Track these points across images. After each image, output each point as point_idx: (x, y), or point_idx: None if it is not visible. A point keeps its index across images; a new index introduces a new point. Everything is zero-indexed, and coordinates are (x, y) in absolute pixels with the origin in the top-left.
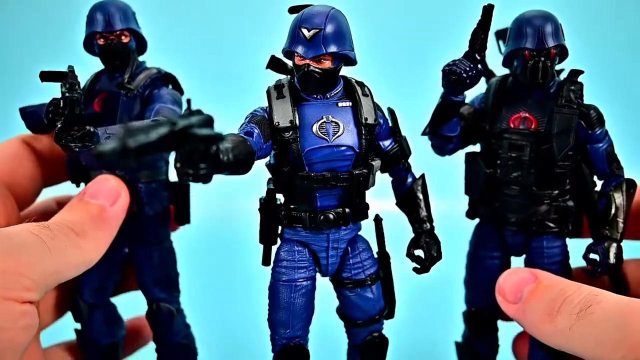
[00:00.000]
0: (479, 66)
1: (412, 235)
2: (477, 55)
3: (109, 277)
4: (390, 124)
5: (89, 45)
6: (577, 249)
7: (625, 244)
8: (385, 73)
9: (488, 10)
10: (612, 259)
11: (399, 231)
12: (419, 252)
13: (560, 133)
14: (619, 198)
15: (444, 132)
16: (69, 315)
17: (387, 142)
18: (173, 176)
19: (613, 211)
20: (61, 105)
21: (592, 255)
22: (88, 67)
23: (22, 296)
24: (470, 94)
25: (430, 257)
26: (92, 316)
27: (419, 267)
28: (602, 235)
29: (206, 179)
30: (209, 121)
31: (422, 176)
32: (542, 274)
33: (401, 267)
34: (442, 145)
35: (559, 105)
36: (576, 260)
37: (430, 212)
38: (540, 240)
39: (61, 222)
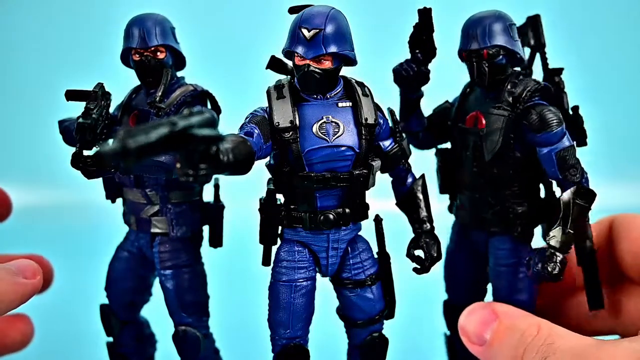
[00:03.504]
0: (423, 67)
1: (412, 235)
2: (419, 56)
3: (140, 294)
4: (390, 124)
5: (126, 59)
6: None
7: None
8: (385, 73)
9: (424, 14)
10: (551, 269)
11: (399, 231)
12: (419, 252)
13: (489, 133)
14: (566, 206)
15: (410, 127)
16: (102, 329)
17: (387, 143)
18: (207, 196)
19: (560, 220)
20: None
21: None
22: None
23: None
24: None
25: (430, 257)
26: (123, 332)
27: (419, 267)
28: (546, 243)
29: (206, 180)
30: (209, 121)
31: (422, 176)
32: (502, 311)
33: (401, 267)
34: (410, 141)
35: (494, 106)
36: None
37: (430, 212)
38: (493, 241)
39: None
